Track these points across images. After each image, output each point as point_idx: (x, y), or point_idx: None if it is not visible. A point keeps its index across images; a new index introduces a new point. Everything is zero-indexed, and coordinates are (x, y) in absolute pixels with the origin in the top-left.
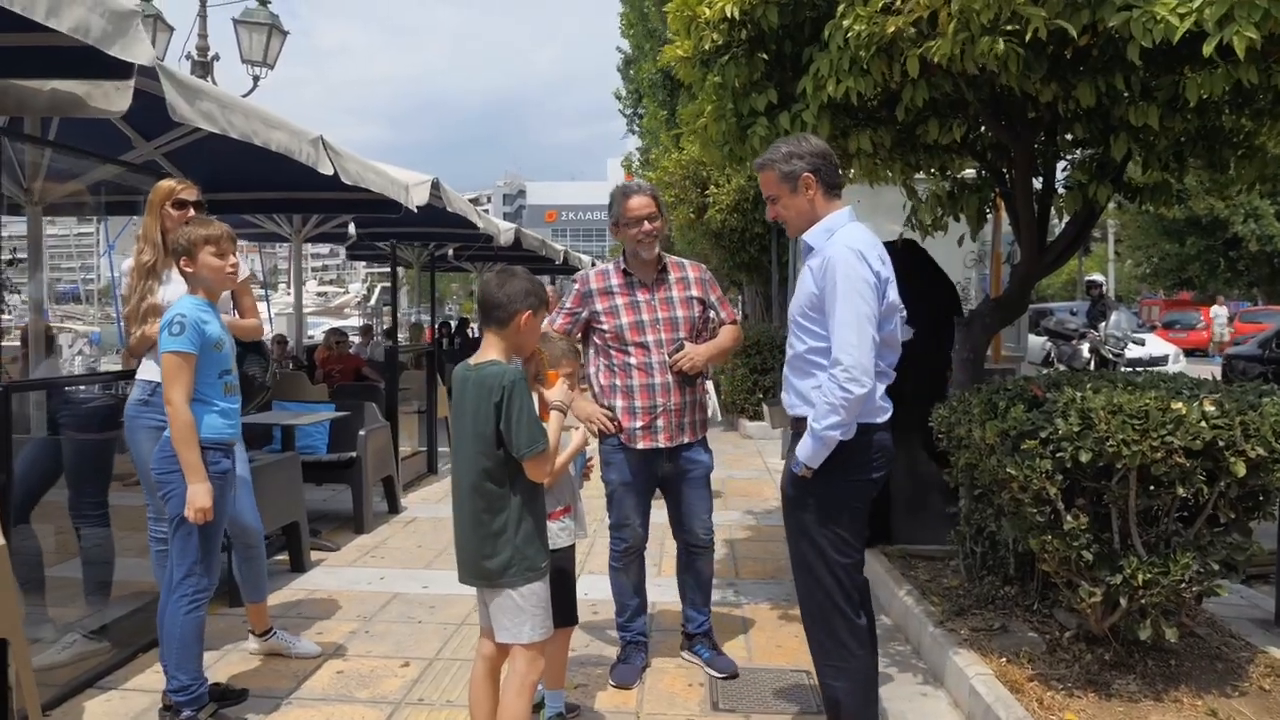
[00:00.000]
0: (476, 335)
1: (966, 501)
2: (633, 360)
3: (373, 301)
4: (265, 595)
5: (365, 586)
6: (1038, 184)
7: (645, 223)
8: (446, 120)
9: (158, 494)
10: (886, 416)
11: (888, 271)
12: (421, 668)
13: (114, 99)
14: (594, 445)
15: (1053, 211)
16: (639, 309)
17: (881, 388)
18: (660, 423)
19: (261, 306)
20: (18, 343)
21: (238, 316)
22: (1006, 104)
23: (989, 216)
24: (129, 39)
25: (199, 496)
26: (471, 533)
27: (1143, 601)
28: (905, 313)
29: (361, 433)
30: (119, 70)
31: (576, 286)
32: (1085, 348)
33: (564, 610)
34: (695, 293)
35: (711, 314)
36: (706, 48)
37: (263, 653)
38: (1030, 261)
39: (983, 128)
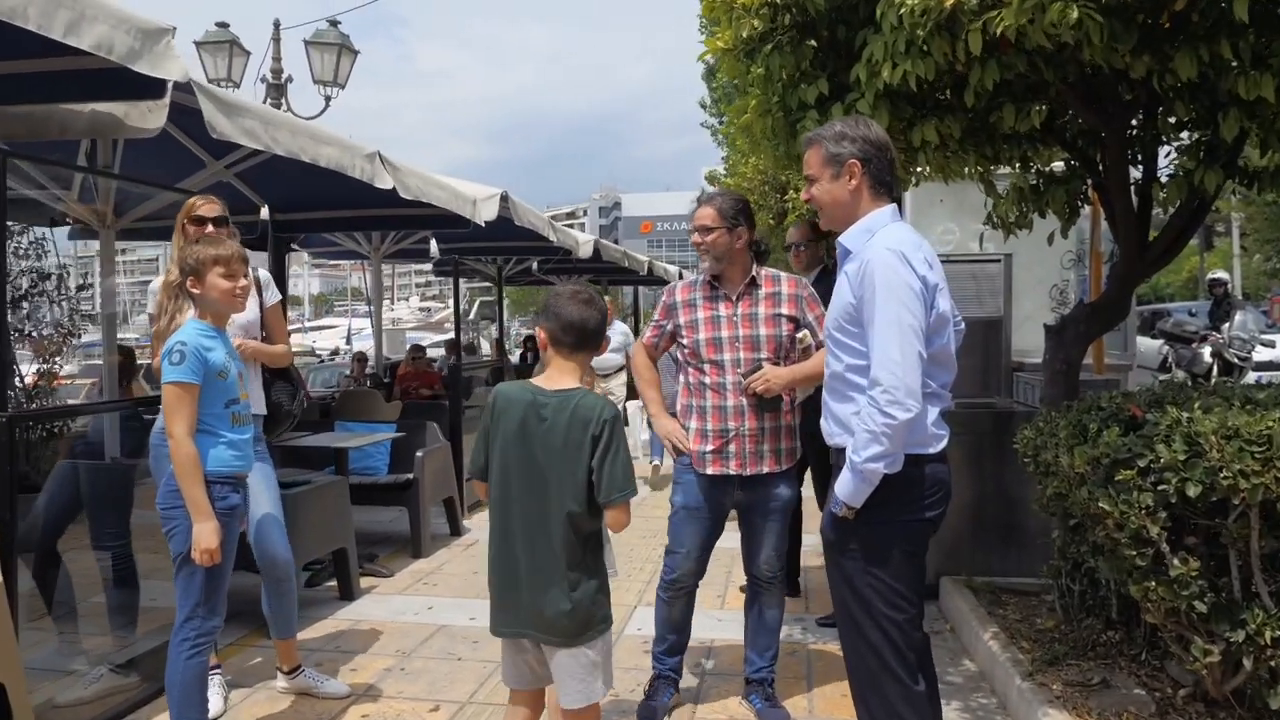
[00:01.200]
0: None
1: (1060, 532)
2: (706, 379)
3: (471, 316)
4: (294, 632)
5: (411, 618)
6: (1136, 173)
7: (696, 234)
8: (542, 136)
9: (162, 530)
10: (941, 445)
11: (937, 276)
12: (451, 713)
13: (149, 118)
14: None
15: (1155, 204)
16: (719, 324)
17: (935, 412)
18: (732, 448)
19: (363, 323)
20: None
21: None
22: (1094, 83)
23: (1082, 211)
24: (158, 56)
25: (205, 536)
26: (546, 583)
27: (1272, 664)
28: (961, 323)
29: (419, 454)
30: (154, 89)
31: (664, 298)
32: (1207, 351)
33: None
34: (786, 310)
35: (804, 334)
36: (747, 35)
37: (291, 692)
38: (1130, 260)
39: (1069, 112)
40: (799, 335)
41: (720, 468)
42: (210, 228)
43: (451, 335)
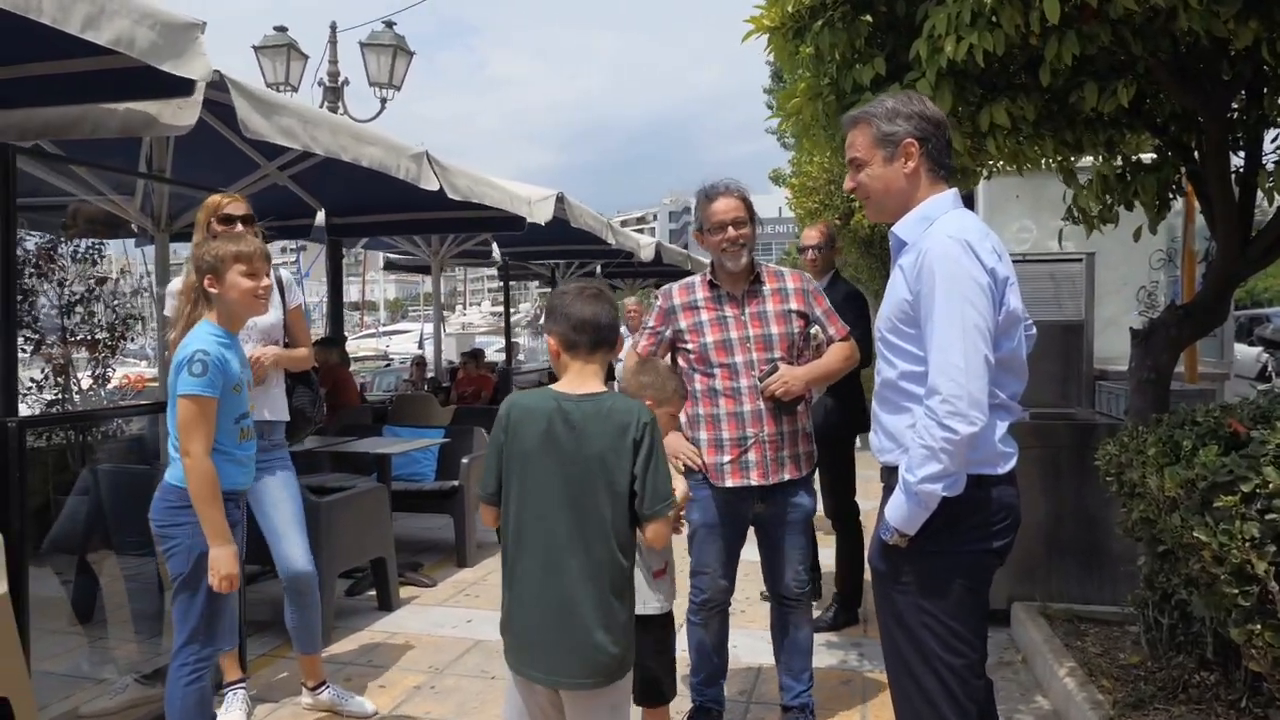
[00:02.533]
0: None
1: (1148, 559)
2: (719, 385)
3: (543, 320)
4: (319, 647)
5: (449, 631)
6: (1237, 161)
7: (730, 228)
8: (613, 142)
9: (159, 548)
10: (1010, 465)
11: (1006, 269)
12: None
13: (181, 115)
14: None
15: (1260, 195)
16: (726, 325)
17: (1003, 426)
18: (752, 457)
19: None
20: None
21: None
22: (1189, 58)
23: (1174, 204)
24: (183, 53)
25: (224, 562)
26: (587, 615)
27: None
28: (1032, 327)
29: (465, 460)
30: (185, 86)
31: (659, 302)
32: None
33: (669, 679)
34: (795, 306)
35: (816, 330)
36: (794, 10)
37: (316, 709)
38: (1230, 258)
39: (1159, 92)
40: (812, 330)
41: (740, 478)
42: (239, 227)
43: (521, 340)
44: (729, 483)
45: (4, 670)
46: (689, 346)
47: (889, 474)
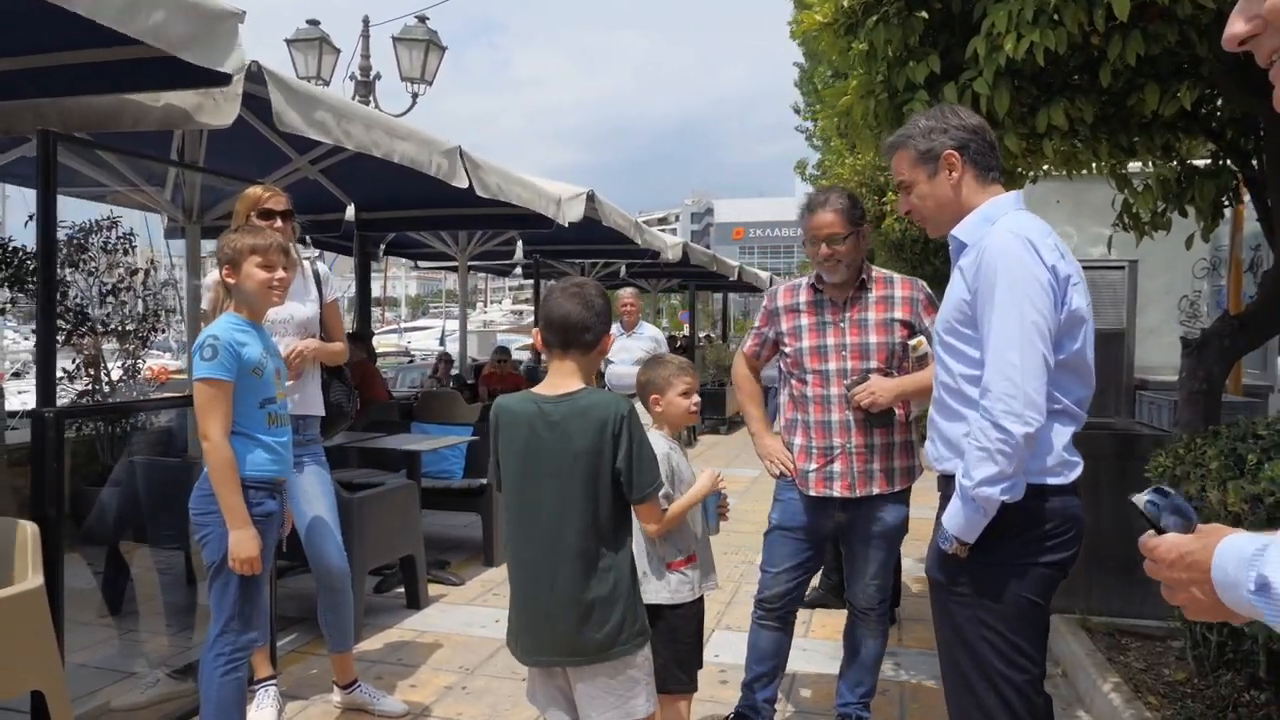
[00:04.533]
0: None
1: None
2: (810, 392)
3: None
4: (351, 645)
5: (478, 630)
6: None
7: (824, 245)
8: (636, 142)
9: (194, 537)
10: (1075, 475)
11: (1070, 267)
12: None
13: (223, 110)
14: (741, 485)
15: None
16: (824, 331)
17: (1067, 433)
18: (837, 467)
19: (456, 324)
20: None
21: (320, 339)
22: (1250, 60)
23: (1226, 211)
24: (216, 44)
25: (244, 545)
26: (570, 601)
27: None
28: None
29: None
30: (222, 78)
31: (765, 303)
32: None
33: (684, 673)
34: (899, 315)
35: (919, 340)
36: (849, 6)
37: (345, 707)
38: None
39: (1219, 96)
40: (913, 342)
41: (824, 488)
42: (279, 222)
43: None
44: (812, 491)
45: (38, 664)
46: (786, 350)
47: (946, 483)
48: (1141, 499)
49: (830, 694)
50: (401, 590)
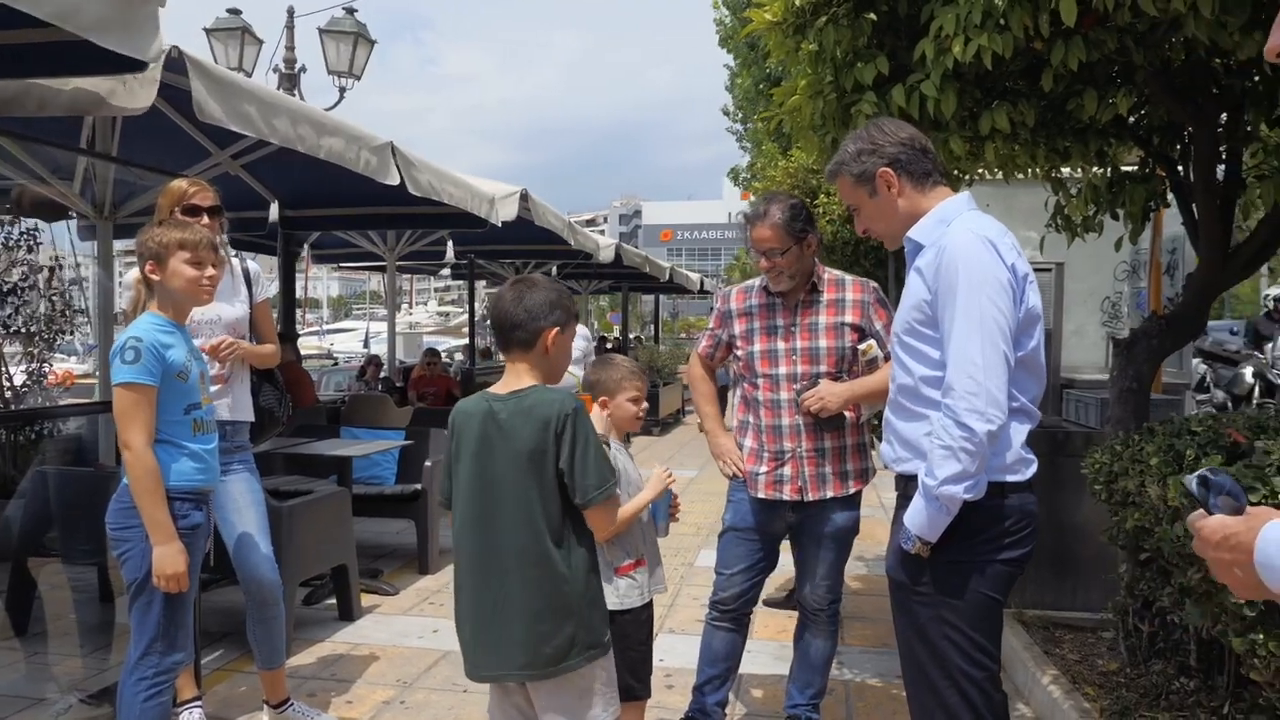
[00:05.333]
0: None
1: (1129, 567)
2: (760, 395)
3: (489, 321)
4: (283, 661)
5: (415, 641)
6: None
7: (763, 259)
8: (566, 143)
9: (112, 553)
10: (1031, 472)
11: (1026, 266)
12: None
13: (138, 95)
14: (678, 485)
15: (1249, 206)
16: (775, 335)
17: (1024, 431)
18: (787, 471)
19: (380, 326)
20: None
21: (254, 343)
22: (1181, 71)
23: (1150, 216)
24: (134, 29)
25: (168, 560)
26: (521, 612)
27: None
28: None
29: (428, 463)
30: (136, 63)
31: (717, 305)
32: (1248, 372)
33: (635, 680)
34: (850, 319)
35: (868, 344)
36: (799, 6)
37: None
38: (1212, 268)
39: (1144, 106)
40: (862, 346)
41: (773, 491)
42: (206, 219)
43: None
44: (761, 494)
45: None
46: (738, 353)
47: (905, 483)
48: (1191, 481)
49: (778, 694)
50: (333, 601)
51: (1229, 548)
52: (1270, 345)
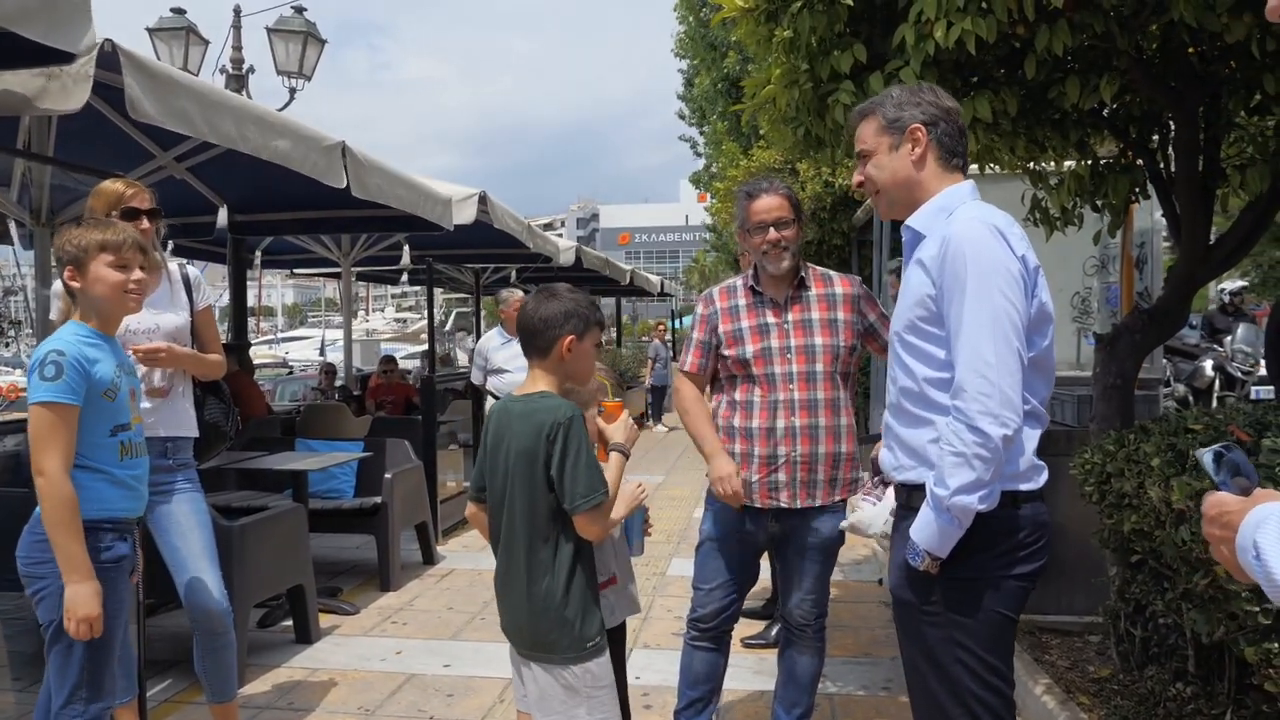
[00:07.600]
0: None
1: (1120, 570)
2: (755, 397)
3: (448, 327)
4: (234, 694)
5: (378, 665)
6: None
7: (772, 229)
8: (521, 147)
9: (26, 591)
10: (1043, 479)
11: (1035, 258)
12: None
13: (68, 95)
14: (650, 499)
15: (1234, 196)
16: (767, 334)
17: (1035, 436)
18: (781, 477)
19: (337, 334)
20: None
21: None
22: (1161, 58)
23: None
24: (61, 19)
25: (82, 602)
26: (523, 593)
27: None
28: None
29: (388, 476)
30: (64, 56)
31: (700, 309)
32: (1209, 365)
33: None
34: (843, 315)
35: (858, 343)
36: None
37: None
38: (1193, 261)
39: (1124, 95)
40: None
41: (768, 499)
42: (145, 223)
43: (427, 347)
44: (757, 503)
45: None
46: (727, 354)
47: (908, 492)
48: (1206, 455)
49: (761, 712)
50: (289, 623)
51: (1221, 524)
52: (1229, 339)
